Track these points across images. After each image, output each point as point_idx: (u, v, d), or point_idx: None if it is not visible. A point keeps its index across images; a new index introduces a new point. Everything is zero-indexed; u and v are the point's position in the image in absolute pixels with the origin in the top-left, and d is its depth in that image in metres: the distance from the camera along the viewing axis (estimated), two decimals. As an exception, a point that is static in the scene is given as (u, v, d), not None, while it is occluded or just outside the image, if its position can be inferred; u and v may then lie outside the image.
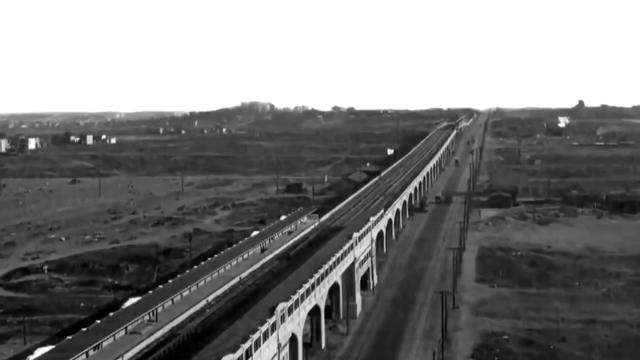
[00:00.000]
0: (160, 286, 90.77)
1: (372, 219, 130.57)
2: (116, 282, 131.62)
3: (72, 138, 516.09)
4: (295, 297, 78.21)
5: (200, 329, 77.37)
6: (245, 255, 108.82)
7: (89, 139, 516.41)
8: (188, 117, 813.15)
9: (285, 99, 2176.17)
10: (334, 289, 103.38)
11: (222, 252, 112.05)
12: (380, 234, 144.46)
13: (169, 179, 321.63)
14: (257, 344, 65.38)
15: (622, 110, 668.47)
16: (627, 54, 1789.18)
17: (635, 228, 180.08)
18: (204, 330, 76.53)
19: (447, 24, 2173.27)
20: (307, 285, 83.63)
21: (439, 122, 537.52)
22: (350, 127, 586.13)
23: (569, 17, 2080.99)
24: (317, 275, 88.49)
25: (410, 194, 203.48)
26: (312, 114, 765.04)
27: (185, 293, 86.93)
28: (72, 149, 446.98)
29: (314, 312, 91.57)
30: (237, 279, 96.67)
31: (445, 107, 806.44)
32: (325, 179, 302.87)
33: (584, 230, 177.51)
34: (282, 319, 73.13)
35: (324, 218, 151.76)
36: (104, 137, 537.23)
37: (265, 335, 67.71)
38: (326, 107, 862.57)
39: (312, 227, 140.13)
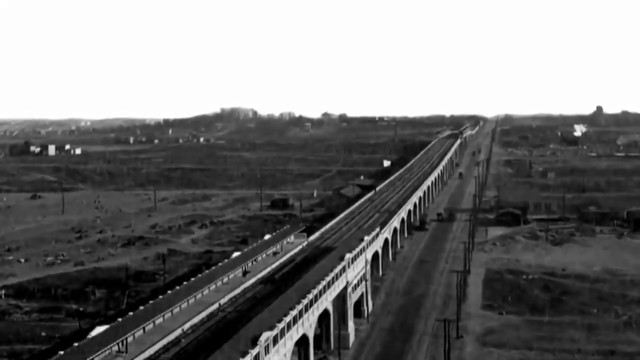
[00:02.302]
0: (131, 313, 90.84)
1: (367, 238, 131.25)
2: (81, 309, 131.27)
3: (32, 148, 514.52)
4: (280, 326, 78.47)
5: (175, 361, 77.48)
6: (225, 279, 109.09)
7: (51, 150, 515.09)
8: (161, 124, 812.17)
9: (269, 105, 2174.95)
10: (324, 316, 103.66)
11: (200, 275, 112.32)
12: (375, 255, 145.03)
13: (140, 193, 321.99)
14: (239, 378, 65.55)
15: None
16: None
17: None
18: (179, 363, 76.63)
19: (449, 21, 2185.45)
20: (294, 313, 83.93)
21: (441, 130, 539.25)
22: (342, 136, 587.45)
23: (585, 14, 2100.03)
24: (305, 301, 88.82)
25: (409, 211, 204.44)
26: (300, 121, 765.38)
27: (159, 321, 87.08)
28: (32, 161, 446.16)
29: (302, 342, 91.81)
30: (216, 306, 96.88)
31: (448, 114, 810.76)
32: (315, 194, 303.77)
33: (602, 251, 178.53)
34: (266, 350, 73.34)
35: (313, 237, 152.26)
36: (67, 147, 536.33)
37: (248, 368, 67.91)
38: (315, 114, 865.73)
39: (300, 247, 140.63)
